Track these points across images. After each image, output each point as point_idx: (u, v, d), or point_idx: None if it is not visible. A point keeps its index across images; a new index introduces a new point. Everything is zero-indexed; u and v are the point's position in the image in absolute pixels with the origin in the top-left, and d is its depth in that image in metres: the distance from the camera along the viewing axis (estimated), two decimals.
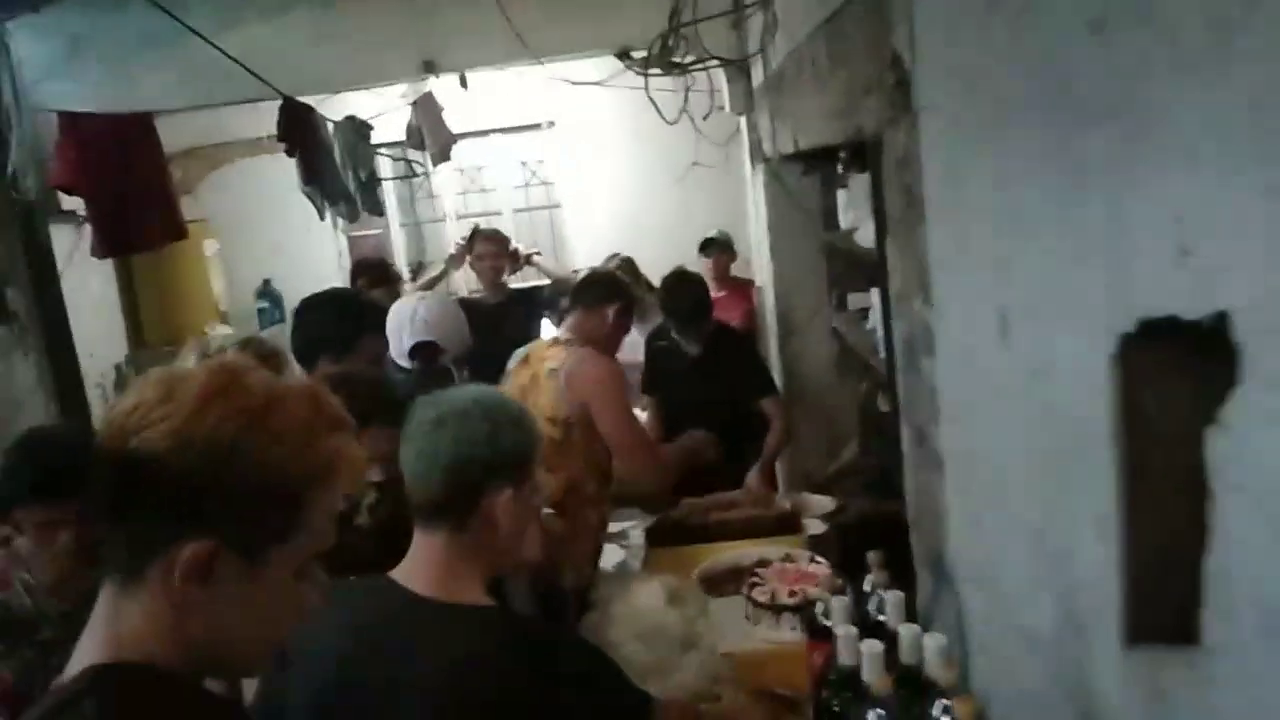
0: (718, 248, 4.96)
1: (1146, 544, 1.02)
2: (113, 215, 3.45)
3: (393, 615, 1.46)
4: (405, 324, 3.26)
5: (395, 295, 4.01)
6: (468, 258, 4.71)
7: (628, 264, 4.79)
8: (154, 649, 0.93)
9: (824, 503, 3.38)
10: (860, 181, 2.53)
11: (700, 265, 4.69)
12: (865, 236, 2.45)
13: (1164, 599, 0.98)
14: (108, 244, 3.51)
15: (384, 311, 3.24)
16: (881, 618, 1.88)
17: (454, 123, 5.07)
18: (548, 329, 4.42)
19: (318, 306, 2.93)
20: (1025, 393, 1.30)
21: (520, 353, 3.17)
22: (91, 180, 3.39)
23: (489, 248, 4.62)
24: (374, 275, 4.43)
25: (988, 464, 1.53)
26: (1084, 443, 1.11)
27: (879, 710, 1.61)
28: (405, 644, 1.43)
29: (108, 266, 5.09)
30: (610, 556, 3.26)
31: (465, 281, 5.49)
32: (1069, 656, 1.23)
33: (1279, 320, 0.73)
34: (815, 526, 3.17)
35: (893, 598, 1.92)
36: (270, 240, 6.03)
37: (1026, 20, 1.19)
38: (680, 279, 3.72)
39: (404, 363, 3.27)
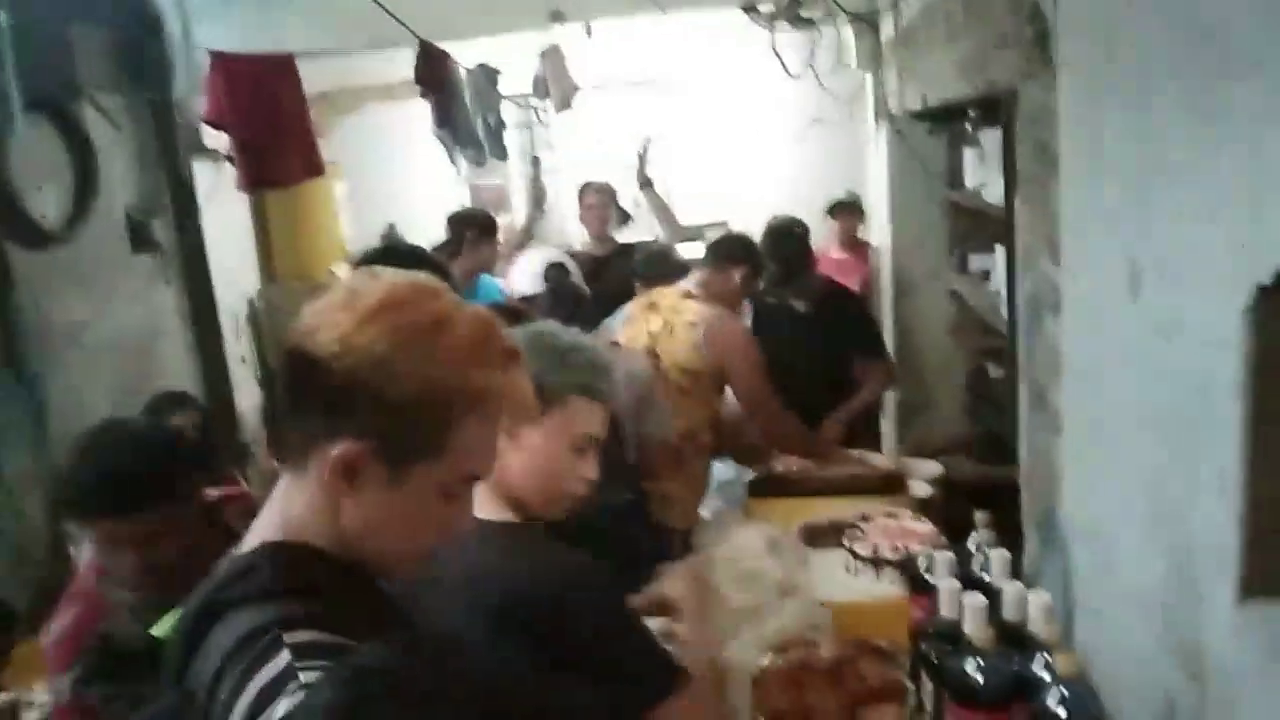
0: (845, 210, 4.90)
1: (1269, 495, 1.02)
2: (256, 151, 3.63)
3: None
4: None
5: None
6: (577, 209, 4.79)
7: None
8: (313, 534, 1.01)
9: (931, 467, 3.35)
10: (991, 138, 2.48)
11: (826, 226, 4.66)
12: (993, 194, 2.41)
13: None
14: (251, 178, 3.70)
15: None
16: (985, 576, 1.89)
17: (577, 73, 5.12)
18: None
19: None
20: (1152, 350, 1.29)
21: (642, 299, 3.22)
22: (238, 117, 3.57)
23: (596, 199, 4.69)
24: (482, 226, 4.40)
25: (1107, 424, 1.51)
26: (1209, 397, 1.10)
27: (978, 660, 1.62)
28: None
29: (244, 203, 5.33)
30: (710, 504, 3.32)
31: (577, 234, 5.57)
32: (1178, 614, 1.23)
33: None
34: (921, 489, 3.15)
35: (998, 555, 1.93)
36: (396, 185, 6.22)
37: None
38: (778, 228, 3.65)
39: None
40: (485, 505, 1.46)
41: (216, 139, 4.29)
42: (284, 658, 0.87)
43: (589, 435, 1.58)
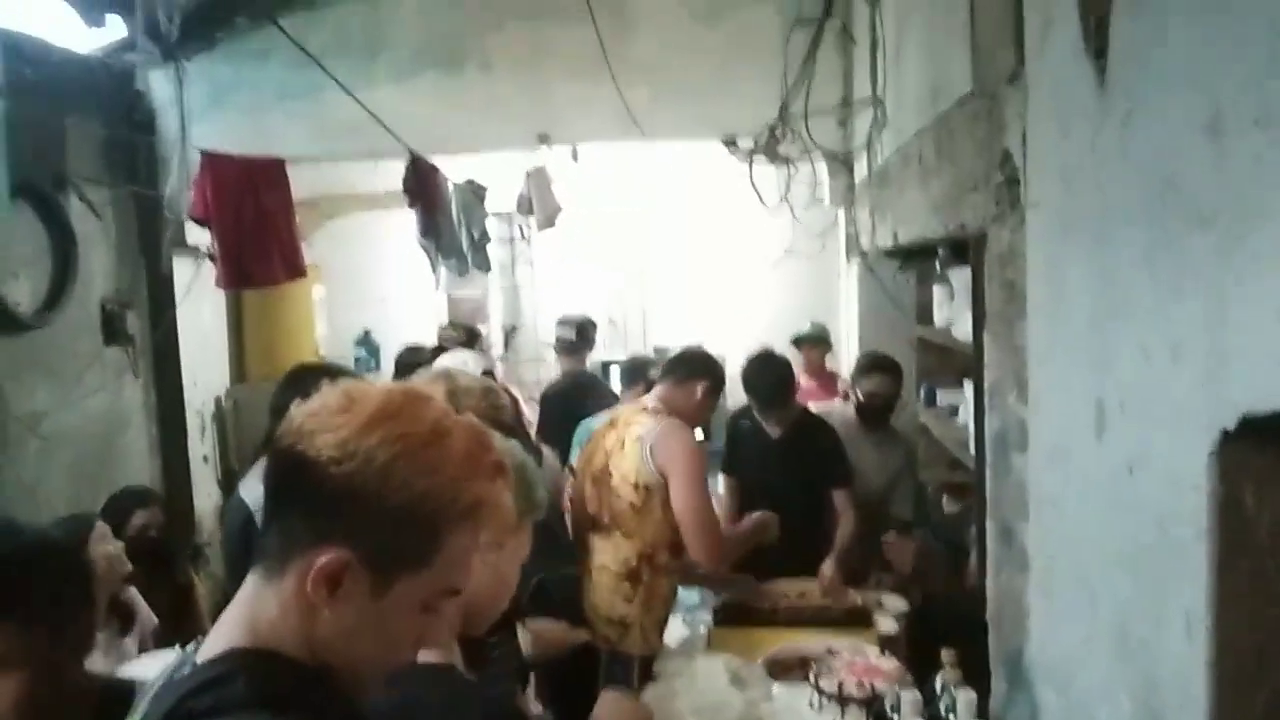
0: (810, 342, 4.99)
1: (1238, 642, 1.01)
2: (240, 250, 3.66)
3: None
4: None
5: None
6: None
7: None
8: (286, 641, 0.97)
9: (897, 603, 3.31)
10: (960, 276, 2.55)
11: (792, 357, 4.73)
12: (961, 331, 2.46)
13: (1254, 698, 0.97)
14: (232, 277, 3.72)
15: None
16: (951, 717, 1.86)
17: (561, 194, 5.25)
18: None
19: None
20: (1119, 488, 1.29)
21: (605, 416, 3.22)
22: (224, 216, 3.62)
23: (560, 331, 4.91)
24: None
25: (1075, 561, 1.51)
26: (1177, 537, 1.10)
27: None
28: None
29: (219, 301, 5.35)
30: (675, 632, 3.25)
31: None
32: None
33: None
34: (887, 625, 3.11)
35: (964, 696, 1.89)
36: (375, 292, 6.29)
37: (1140, 122, 1.22)
38: (764, 361, 3.75)
39: None
40: None
41: (198, 236, 4.33)
42: None
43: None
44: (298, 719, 0.92)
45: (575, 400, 4.24)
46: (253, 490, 2.52)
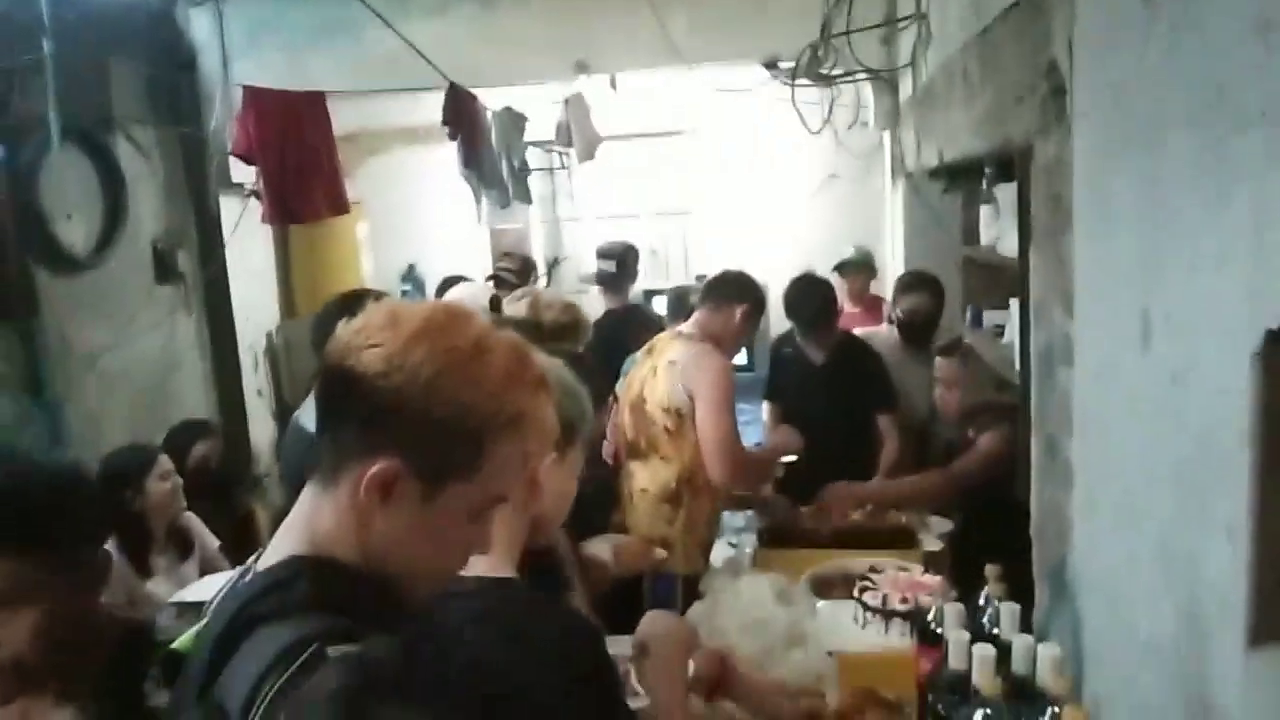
0: (854, 268, 4.93)
1: (1278, 543, 1.02)
2: (284, 185, 3.70)
3: None
4: None
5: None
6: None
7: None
8: (342, 549, 1.02)
9: (941, 522, 3.34)
10: (1006, 192, 2.51)
11: (837, 284, 4.70)
12: (1008, 248, 2.44)
13: None
14: (277, 212, 3.77)
15: None
16: (995, 630, 1.88)
17: (600, 124, 5.21)
18: None
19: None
20: (1163, 400, 1.29)
21: (646, 346, 3.25)
22: (268, 151, 3.65)
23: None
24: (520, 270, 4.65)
25: (1119, 475, 1.51)
26: (1220, 446, 1.11)
27: (986, 711, 1.61)
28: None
29: (267, 239, 5.42)
30: (720, 553, 3.30)
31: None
32: (1189, 664, 1.22)
33: None
34: (931, 544, 3.14)
35: (1008, 609, 1.91)
36: (418, 227, 6.33)
37: (1188, 25, 1.19)
38: (806, 283, 3.73)
39: None
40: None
41: (244, 174, 4.38)
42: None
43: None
44: (356, 622, 0.96)
45: (621, 335, 4.23)
46: (311, 417, 2.59)
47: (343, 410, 1.02)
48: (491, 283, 5.07)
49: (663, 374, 2.95)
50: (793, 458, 3.25)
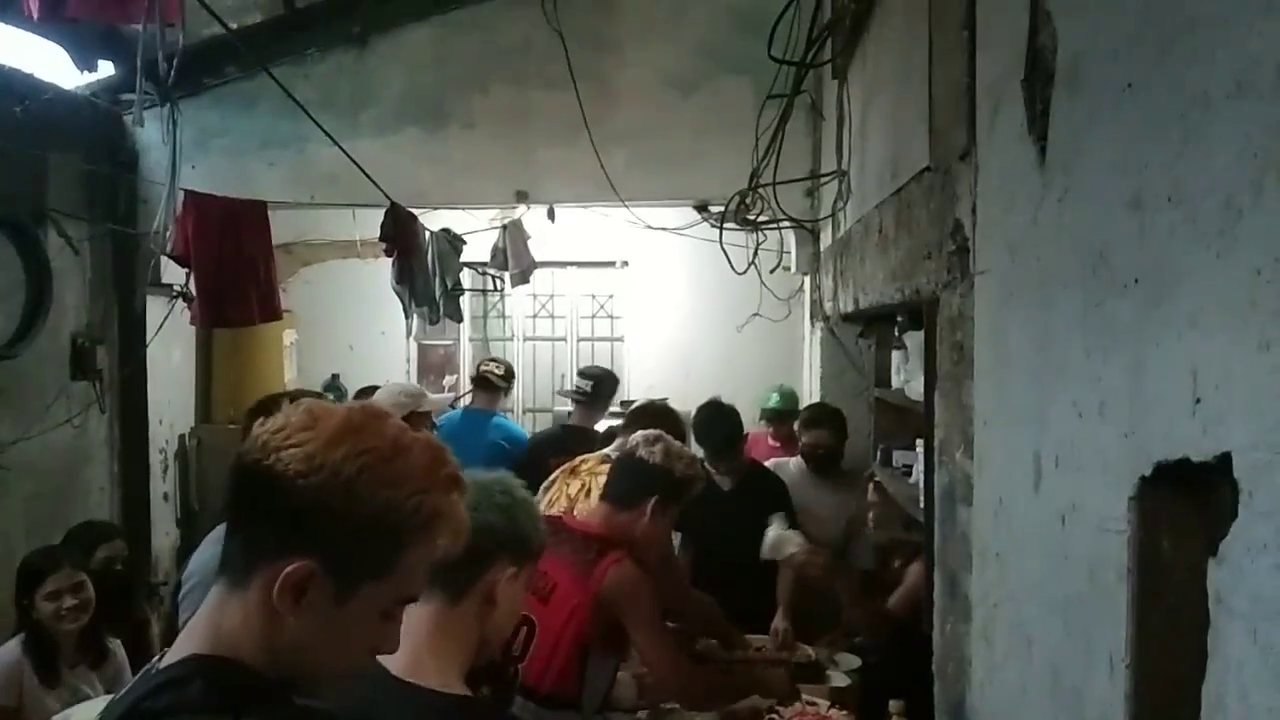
0: (779, 416, 4.91)
1: (1154, 676, 1.09)
2: (218, 289, 3.71)
3: (369, 693, 1.39)
4: None
5: None
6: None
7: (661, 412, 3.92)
8: (245, 649, 1.01)
9: (849, 659, 3.36)
10: (915, 340, 2.66)
11: (761, 430, 4.84)
12: (915, 392, 2.57)
13: None
14: (208, 315, 3.76)
15: None
16: None
17: (537, 250, 5.36)
18: None
19: None
20: (1053, 538, 1.38)
21: (566, 466, 3.27)
22: (204, 255, 3.67)
23: None
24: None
25: (1014, 611, 1.59)
26: (1103, 582, 1.19)
27: None
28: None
29: (189, 341, 5.37)
30: (625, 683, 3.26)
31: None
32: None
33: (1271, 457, 0.83)
34: (839, 680, 3.16)
35: None
36: (345, 338, 6.33)
37: (1075, 196, 1.34)
38: (714, 410, 3.81)
39: None
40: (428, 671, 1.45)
41: (174, 275, 4.38)
42: None
43: None
44: None
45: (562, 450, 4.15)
46: None
47: (257, 509, 1.03)
48: (454, 379, 5.07)
49: (596, 499, 2.97)
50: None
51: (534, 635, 2.48)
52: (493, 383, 4.76)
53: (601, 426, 4.43)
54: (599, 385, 4.58)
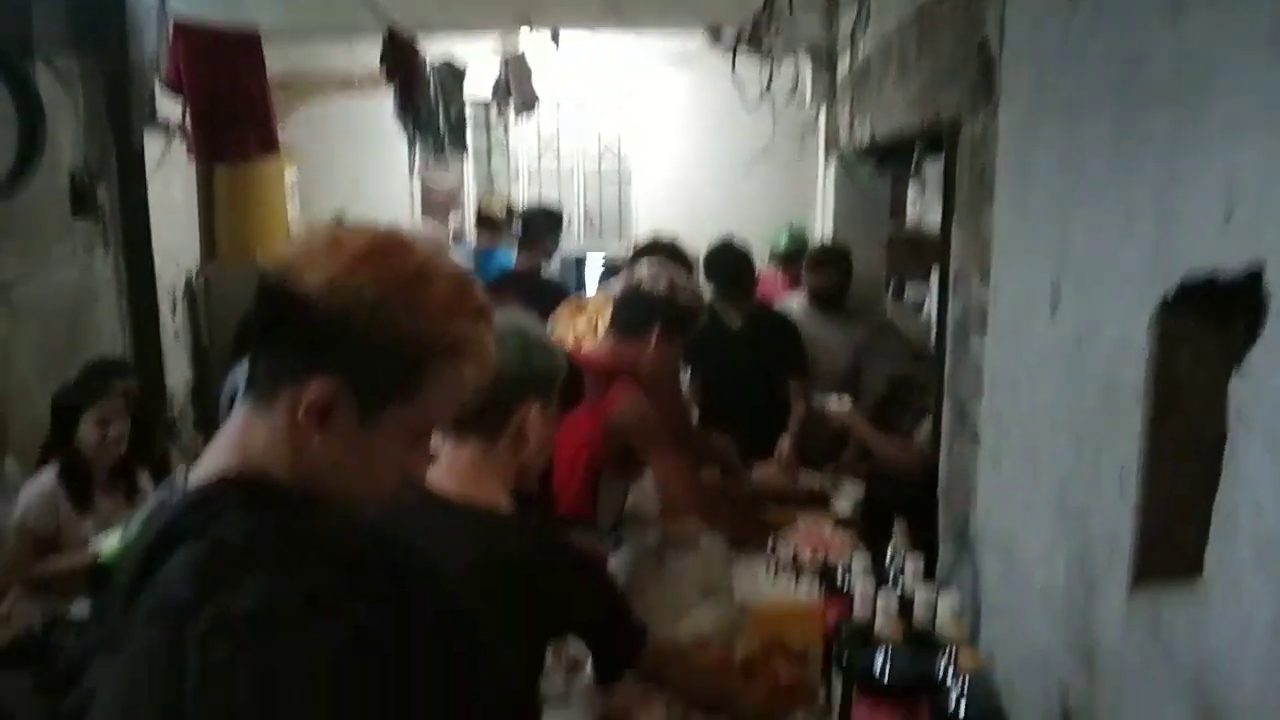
0: (789, 260, 4.84)
1: (1163, 491, 1.11)
2: (213, 121, 3.60)
3: (417, 510, 1.46)
4: None
5: None
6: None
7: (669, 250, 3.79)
8: (273, 468, 1.02)
9: (854, 488, 3.44)
10: (933, 170, 2.60)
11: (772, 273, 4.77)
12: (931, 224, 2.53)
13: (1172, 540, 1.07)
14: (204, 150, 3.67)
15: None
16: (901, 581, 1.96)
17: (541, 84, 5.19)
18: None
19: None
20: (1068, 361, 1.38)
21: (570, 304, 3.26)
22: (197, 88, 3.56)
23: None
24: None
25: (1023, 432, 1.61)
26: (1117, 400, 1.19)
27: (887, 653, 1.69)
28: (430, 538, 1.46)
29: (190, 179, 5.27)
30: (649, 497, 3.33)
31: None
32: (1076, 610, 1.31)
33: None
34: (843, 507, 3.24)
35: (912, 560, 2.01)
36: (348, 176, 6.22)
37: (1109, 10, 1.27)
38: (725, 248, 3.76)
39: None
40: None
41: (169, 110, 4.25)
42: (254, 583, 0.88)
43: None
44: (289, 539, 0.97)
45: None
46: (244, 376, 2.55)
47: (281, 331, 1.01)
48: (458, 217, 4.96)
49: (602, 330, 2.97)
50: None
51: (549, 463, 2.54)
52: (494, 220, 4.68)
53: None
54: (529, 225, 4.36)
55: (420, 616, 0.62)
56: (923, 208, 2.83)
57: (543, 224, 4.39)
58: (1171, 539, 1.09)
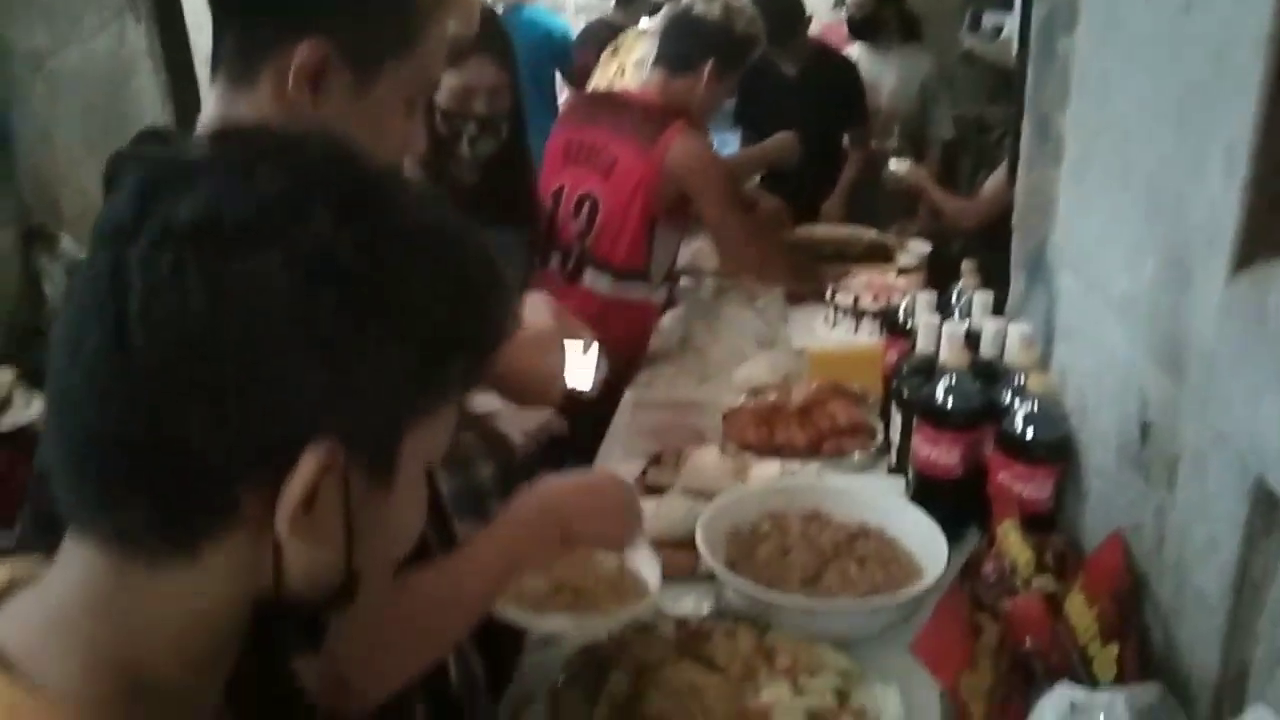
0: None
1: (1277, 159, 0.96)
2: None
3: None
4: None
5: None
6: None
7: None
8: None
9: (920, 244, 3.28)
10: None
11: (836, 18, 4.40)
12: None
13: None
14: None
15: None
16: (967, 320, 1.85)
17: None
18: None
19: None
20: (1173, 31, 1.19)
21: (610, 46, 3.07)
22: None
23: None
24: None
25: (1113, 130, 1.44)
26: (1232, 62, 1.02)
27: (949, 381, 1.61)
28: None
29: None
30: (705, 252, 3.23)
31: None
32: (1163, 309, 1.19)
33: None
34: (907, 260, 3.10)
35: (981, 296, 1.89)
36: None
37: None
38: None
39: None
40: None
41: None
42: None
43: None
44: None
45: None
46: None
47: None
48: None
49: (631, 73, 2.80)
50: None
51: (598, 211, 2.43)
52: None
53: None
54: None
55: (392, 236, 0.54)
56: None
57: None
58: None
